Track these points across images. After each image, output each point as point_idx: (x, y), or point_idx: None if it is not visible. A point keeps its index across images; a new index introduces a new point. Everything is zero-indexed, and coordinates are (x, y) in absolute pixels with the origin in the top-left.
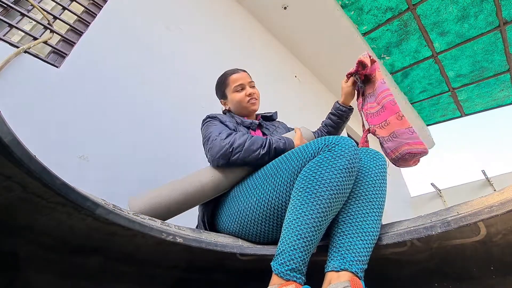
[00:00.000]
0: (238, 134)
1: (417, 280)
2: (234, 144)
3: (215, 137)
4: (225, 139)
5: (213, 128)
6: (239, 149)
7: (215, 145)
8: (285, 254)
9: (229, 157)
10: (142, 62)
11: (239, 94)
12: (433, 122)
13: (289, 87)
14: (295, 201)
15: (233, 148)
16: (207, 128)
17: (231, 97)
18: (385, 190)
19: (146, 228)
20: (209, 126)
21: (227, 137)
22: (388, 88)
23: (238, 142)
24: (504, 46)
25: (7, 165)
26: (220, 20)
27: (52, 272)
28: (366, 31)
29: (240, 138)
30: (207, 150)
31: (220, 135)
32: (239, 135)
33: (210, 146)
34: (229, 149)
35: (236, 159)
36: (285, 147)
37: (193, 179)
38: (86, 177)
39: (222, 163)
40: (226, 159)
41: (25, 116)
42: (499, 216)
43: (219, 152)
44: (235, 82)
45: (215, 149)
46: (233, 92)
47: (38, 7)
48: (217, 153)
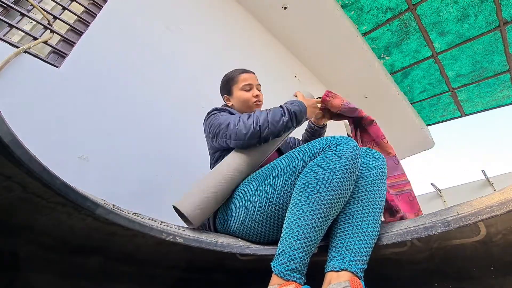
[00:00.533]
0: (257, 112)
1: (417, 280)
2: (259, 122)
3: (236, 121)
4: (247, 120)
5: (226, 116)
6: (266, 123)
7: (241, 128)
8: (285, 255)
9: (259, 135)
10: (142, 62)
11: (246, 93)
12: (433, 122)
13: (289, 87)
14: (296, 202)
15: (260, 126)
16: (216, 119)
17: (238, 95)
18: (384, 190)
19: (146, 228)
20: (219, 116)
21: (249, 118)
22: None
23: (261, 118)
24: (504, 46)
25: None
26: (220, 20)
27: (52, 272)
28: (366, 31)
29: (261, 114)
30: (225, 136)
31: (241, 119)
32: (258, 113)
33: (233, 131)
34: (256, 128)
35: (266, 135)
36: (300, 108)
37: (225, 167)
38: (86, 177)
39: (253, 142)
40: (257, 137)
41: (25, 116)
42: (499, 216)
43: (248, 133)
44: (244, 81)
45: (242, 131)
46: (241, 90)
47: (38, 7)
48: (246, 134)
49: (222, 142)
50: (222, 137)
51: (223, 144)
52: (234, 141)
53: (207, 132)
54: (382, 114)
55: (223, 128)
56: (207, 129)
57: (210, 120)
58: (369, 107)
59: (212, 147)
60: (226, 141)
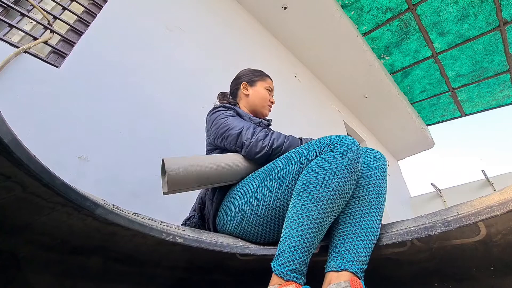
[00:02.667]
0: (276, 134)
1: (417, 280)
2: (274, 146)
3: (250, 134)
4: (264, 139)
5: (237, 121)
6: (279, 150)
7: (253, 145)
8: (285, 255)
9: (268, 157)
10: (142, 62)
11: (266, 94)
12: (433, 122)
13: (289, 87)
14: (296, 202)
15: (273, 150)
16: (225, 119)
17: (259, 90)
18: (385, 190)
19: (146, 228)
20: (228, 118)
21: (265, 137)
22: None
23: (277, 143)
24: (504, 46)
25: (7, 165)
26: (220, 20)
27: (52, 272)
28: (366, 31)
29: (279, 138)
30: (234, 144)
31: (256, 134)
32: (276, 136)
33: (245, 143)
34: (268, 152)
35: (275, 157)
36: None
37: (225, 156)
38: (86, 177)
39: (260, 162)
40: (265, 158)
41: (25, 116)
42: (499, 216)
43: (259, 154)
44: (269, 84)
45: (254, 149)
46: (264, 89)
47: (38, 7)
48: (257, 154)
49: (229, 146)
50: (230, 143)
51: (228, 148)
52: (243, 152)
53: (210, 128)
54: (382, 114)
55: (233, 135)
56: (211, 126)
57: (216, 117)
58: (369, 107)
59: (211, 143)
60: (234, 147)
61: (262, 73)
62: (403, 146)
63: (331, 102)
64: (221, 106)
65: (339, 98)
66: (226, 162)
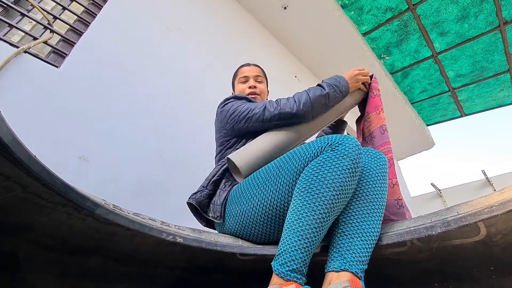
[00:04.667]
0: (297, 94)
1: (417, 280)
2: (302, 101)
3: (273, 104)
4: (287, 101)
5: (252, 104)
6: (308, 102)
7: (284, 108)
8: (286, 255)
9: (304, 113)
10: (142, 62)
11: (241, 86)
12: (433, 122)
13: (289, 87)
14: (297, 202)
15: (303, 104)
16: (240, 105)
17: (236, 88)
18: (386, 190)
19: (146, 228)
20: (242, 103)
21: (289, 99)
22: (389, 140)
23: (303, 98)
24: (504, 46)
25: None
26: (220, 20)
27: (52, 272)
28: (366, 31)
29: (302, 95)
30: (262, 120)
31: (280, 101)
32: (298, 94)
33: (274, 113)
34: (300, 107)
35: (313, 111)
36: (338, 79)
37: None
38: (86, 177)
39: (300, 120)
40: (303, 113)
41: (25, 116)
42: (499, 216)
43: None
44: (241, 73)
45: (286, 110)
46: (238, 83)
47: (38, 7)
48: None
49: (255, 126)
50: (256, 121)
51: (251, 129)
52: (278, 121)
53: (227, 118)
54: None
55: (258, 113)
56: (228, 115)
57: (231, 106)
58: None
59: (227, 134)
60: (261, 124)
61: (236, 69)
62: (403, 146)
63: None
64: (232, 97)
65: None
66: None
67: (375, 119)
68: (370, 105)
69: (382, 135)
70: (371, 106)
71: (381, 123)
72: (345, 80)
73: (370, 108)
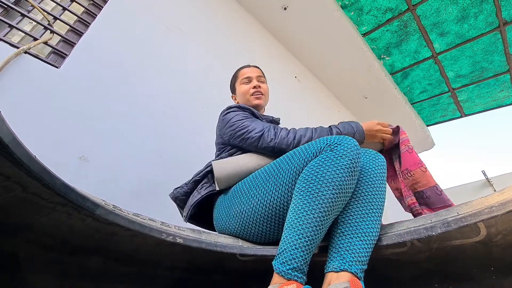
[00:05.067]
0: (301, 130)
1: (417, 281)
2: (302, 141)
3: (272, 135)
4: (287, 136)
5: (255, 123)
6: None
7: (279, 144)
8: (286, 253)
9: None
10: (142, 63)
11: (245, 87)
12: (433, 122)
13: (289, 87)
14: (297, 201)
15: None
16: (241, 121)
17: (238, 90)
18: (385, 190)
19: (146, 228)
20: (245, 119)
21: (289, 134)
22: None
23: (306, 138)
24: (504, 47)
25: (7, 165)
26: (220, 21)
27: (52, 272)
28: (366, 32)
29: (306, 133)
30: (255, 146)
31: (279, 134)
32: (302, 131)
33: (269, 144)
34: (296, 146)
35: None
36: (354, 129)
37: (259, 157)
38: (86, 177)
39: None
40: None
41: (25, 116)
42: (499, 216)
43: (289, 148)
44: (243, 75)
45: (282, 146)
46: (241, 84)
47: (39, 8)
48: (286, 150)
49: (248, 148)
50: (251, 145)
51: (246, 148)
52: (271, 153)
53: (225, 129)
54: (382, 115)
55: (254, 137)
56: (226, 126)
57: (231, 118)
58: (369, 107)
59: (224, 143)
60: (255, 149)
61: (235, 73)
62: None
63: (331, 103)
64: (236, 106)
65: (339, 98)
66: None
67: (422, 176)
68: (407, 161)
69: (440, 196)
70: (409, 162)
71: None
72: (362, 130)
73: (409, 164)
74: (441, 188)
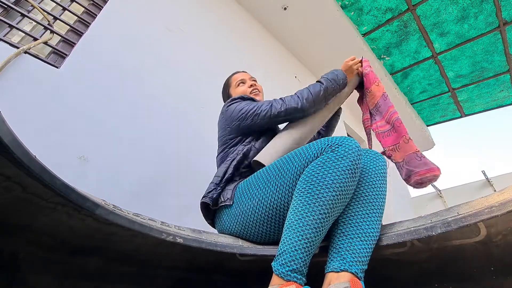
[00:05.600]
0: (297, 92)
1: (417, 281)
2: (304, 96)
3: (279, 102)
4: (291, 98)
5: (258, 102)
6: (310, 96)
7: (290, 103)
8: (286, 255)
9: (307, 107)
10: (142, 63)
11: (241, 88)
12: (433, 122)
13: (289, 87)
14: (297, 202)
15: (306, 99)
16: (246, 104)
17: (235, 92)
18: (385, 191)
19: (146, 228)
20: (248, 103)
21: (292, 96)
22: (392, 104)
23: (305, 93)
24: (504, 47)
25: (7, 165)
26: (220, 21)
27: (52, 273)
28: (366, 32)
29: (302, 91)
30: (269, 116)
31: (284, 98)
32: (299, 92)
33: (281, 109)
34: (303, 101)
35: (314, 105)
36: (336, 73)
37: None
38: (86, 177)
39: (303, 114)
40: (306, 108)
41: (25, 116)
42: (499, 216)
43: (298, 106)
44: (236, 79)
45: (292, 105)
46: (235, 88)
47: (39, 8)
48: (296, 108)
49: (261, 121)
50: (264, 117)
51: (257, 124)
52: (284, 116)
53: (233, 116)
54: None
55: (265, 109)
56: (234, 113)
57: (236, 105)
58: None
59: (231, 133)
60: (268, 120)
61: (226, 81)
62: None
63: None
64: (239, 98)
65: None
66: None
67: (377, 90)
68: (367, 81)
69: (385, 101)
70: (368, 81)
71: (382, 91)
72: (342, 72)
73: (368, 83)
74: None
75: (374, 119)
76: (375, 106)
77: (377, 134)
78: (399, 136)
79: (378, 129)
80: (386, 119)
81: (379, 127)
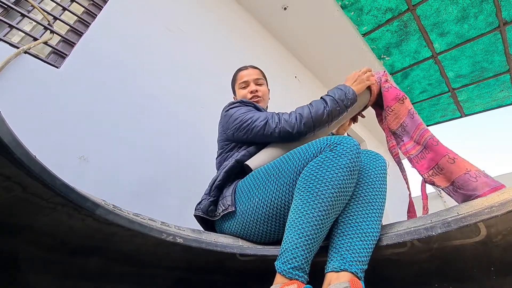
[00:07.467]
0: (298, 109)
1: (417, 281)
2: (303, 120)
3: (276, 120)
4: (289, 118)
5: (257, 113)
6: (310, 120)
7: (285, 126)
8: (287, 253)
9: (306, 131)
10: (142, 63)
11: (243, 91)
12: (433, 122)
13: (289, 87)
14: (297, 200)
15: (304, 124)
16: (244, 113)
17: (238, 93)
18: (385, 191)
19: (146, 228)
20: (247, 111)
21: (290, 115)
22: (421, 121)
23: (304, 115)
24: (504, 47)
25: (7, 165)
26: (220, 21)
27: (52, 273)
28: (366, 32)
29: (303, 111)
30: (262, 135)
31: (281, 117)
32: (300, 110)
33: (275, 130)
34: (301, 126)
35: (313, 129)
36: (344, 90)
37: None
38: (86, 177)
39: (300, 137)
40: (302, 133)
41: (25, 116)
42: (499, 216)
43: (293, 131)
44: (241, 78)
45: (286, 129)
46: (239, 89)
47: (39, 8)
48: (291, 132)
49: (253, 139)
50: (256, 135)
51: (250, 140)
52: (278, 138)
53: (229, 124)
54: None
55: (259, 126)
56: (230, 121)
57: (235, 112)
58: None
59: (228, 139)
60: (261, 138)
61: (234, 74)
62: None
63: None
64: (238, 102)
65: None
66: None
67: (400, 108)
68: (387, 99)
69: (413, 119)
70: (388, 99)
71: (407, 109)
72: (352, 91)
73: (389, 101)
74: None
75: (401, 141)
76: (400, 126)
77: (409, 159)
78: (438, 155)
79: (409, 153)
80: (415, 139)
81: (409, 150)
